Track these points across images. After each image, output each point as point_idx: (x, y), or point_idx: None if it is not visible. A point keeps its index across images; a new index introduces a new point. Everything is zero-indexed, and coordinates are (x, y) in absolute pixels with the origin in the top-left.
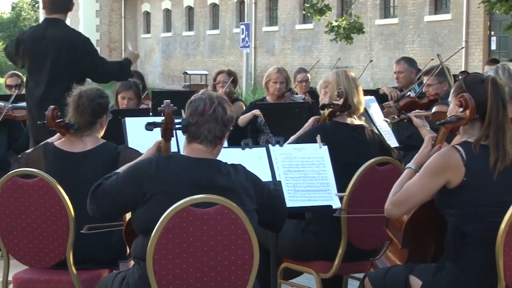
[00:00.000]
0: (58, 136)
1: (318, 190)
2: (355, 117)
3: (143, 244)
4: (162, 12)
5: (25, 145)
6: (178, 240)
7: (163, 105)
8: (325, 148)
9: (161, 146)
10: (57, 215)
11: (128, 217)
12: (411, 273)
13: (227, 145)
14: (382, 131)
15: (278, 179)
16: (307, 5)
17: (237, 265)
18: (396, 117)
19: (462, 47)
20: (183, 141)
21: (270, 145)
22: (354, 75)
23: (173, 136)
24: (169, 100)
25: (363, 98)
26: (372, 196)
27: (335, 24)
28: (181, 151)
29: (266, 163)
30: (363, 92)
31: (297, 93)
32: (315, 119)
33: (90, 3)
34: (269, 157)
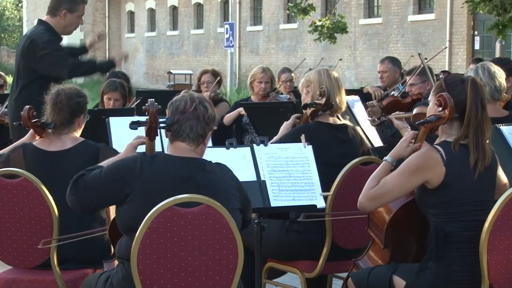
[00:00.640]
0: (30, 135)
1: (303, 189)
2: (338, 116)
3: (127, 244)
4: (146, 11)
5: None
6: (163, 240)
7: (147, 104)
8: (309, 148)
9: (143, 141)
10: (41, 215)
11: (112, 216)
12: (394, 273)
13: (211, 145)
14: (366, 130)
15: (262, 178)
16: (291, 4)
17: (221, 264)
18: (376, 119)
19: (446, 47)
20: (167, 140)
21: (254, 145)
22: (336, 74)
23: (157, 135)
24: (153, 99)
25: (345, 97)
26: (356, 195)
27: (319, 23)
28: (165, 150)
29: (251, 162)
30: (347, 92)
31: (282, 93)
32: (296, 116)
33: None
34: (253, 157)
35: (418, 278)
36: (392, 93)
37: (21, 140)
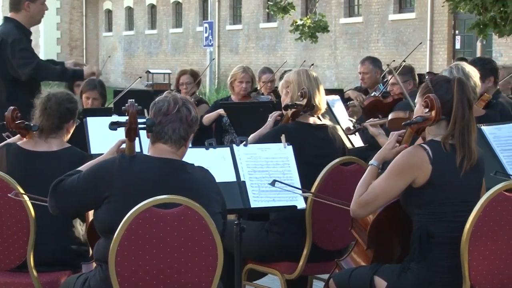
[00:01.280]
0: (18, 137)
1: (283, 190)
2: (318, 116)
3: (105, 246)
4: (124, 10)
5: None
6: (141, 242)
7: (127, 104)
8: (289, 148)
9: (122, 143)
10: (17, 216)
11: (91, 218)
12: (376, 273)
13: (191, 145)
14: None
15: (242, 179)
16: (270, 3)
17: (201, 266)
18: (351, 128)
19: (420, 43)
20: (146, 142)
21: (234, 145)
22: (315, 74)
23: (137, 136)
24: (134, 100)
25: (324, 97)
26: (337, 196)
27: (300, 23)
28: (144, 151)
29: (231, 163)
30: (328, 92)
31: (263, 94)
32: (278, 114)
33: (50, 0)
34: (233, 157)
35: (399, 279)
36: (373, 94)
37: (8, 140)
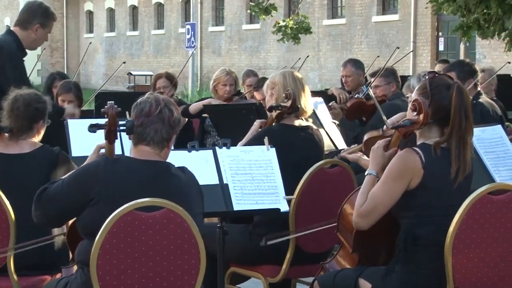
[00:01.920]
0: None
1: (266, 193)
2: (303, 118)
3: (87, 249)
4: (106, 11)
5: None
6: (123, 245)
7: (106, 106)
8: (272, 150)
9: (100, 148)
10: None
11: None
12: (360, 276)
13: (173, 148)
14: (331, 132)
15: (225, 182)
16: (252, 3)
17: (183, 270)
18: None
19: (398, 47)
20: (127, 144)
21: (217, 148)
22: (301, 76)
23: (117, 138)
24: (113, 102)
25: (310, 99)
26: (321, 198)
27: (282, 24)
28: (125, 153)
29: (213, 166)
30: (311, 94)
31: (246, 98)
32: (261, 122)
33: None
34: (216, 160)
35: (384, 281)
36: (356, 95)
37: None
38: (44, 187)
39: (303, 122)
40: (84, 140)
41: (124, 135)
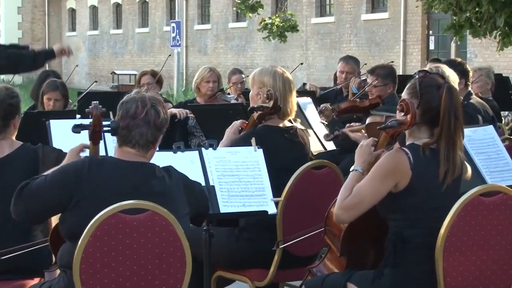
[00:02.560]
0: None
1: (253, 195)
2: (290, 120)
3: (70, 252)
4: (88, 9)
5: None
6: (107, 248)
7: (91, 106)
8: (260, 151)
9: (84, 147)
10: None
11: (54, 223)
12: (349, 280)
13: (158, 149)
14: (319, 133)
15: (211, 183)
16: (238, 1)
17: (168, 273)
18: (331, 134)
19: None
20: (111, 144)
21: (203, 149)
22: (291, 78)
23: (101, 139)
24: (97, 102)
25: (295, 100)
26: (308, 200)
27: (269, 21)
28: (109, 154)
29: (199, 167)
30: (300, 94)
31: (229, 93)
32: (242, 122)
33: None
34: (202, 161)
35: (373, 285)
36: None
37: None
38: (26, 182)
39: (287, 123)
40: (67, 140)
41: (108, 136)
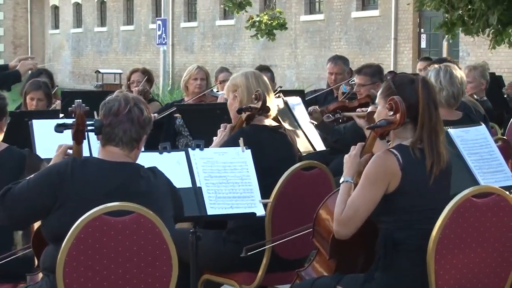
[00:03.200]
0: None
1: (241, 196)
2: (279, 120)
3: (53, 255)
4: (72, 6)
5: None
6: (91, 251)
7: (74, 105)
8: (248, 152)
9: (68, 149)
10: None
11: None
12: (338, 284)
13: (143, 149)
14: (309, 134)
15: (198, 185)
16: None
17: (155, 277)
18: (331, 116)
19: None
20: (95, 145)
21: (189, 149)
22: (263, 75)
23: (85, 139)
24: (81, 100)
25: (274, 99)
26: (297, 202)
27: (256, 19)
28: (93, 154)
29: (186, 168)
30: (289, 93)
31: (217, 90)
32: (230, 126)
33: None
34: (188, 162)
35: None
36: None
37: None
38: (8, 187)
39: (272, 122)
40: (50, 141)
41: (92, 136)
